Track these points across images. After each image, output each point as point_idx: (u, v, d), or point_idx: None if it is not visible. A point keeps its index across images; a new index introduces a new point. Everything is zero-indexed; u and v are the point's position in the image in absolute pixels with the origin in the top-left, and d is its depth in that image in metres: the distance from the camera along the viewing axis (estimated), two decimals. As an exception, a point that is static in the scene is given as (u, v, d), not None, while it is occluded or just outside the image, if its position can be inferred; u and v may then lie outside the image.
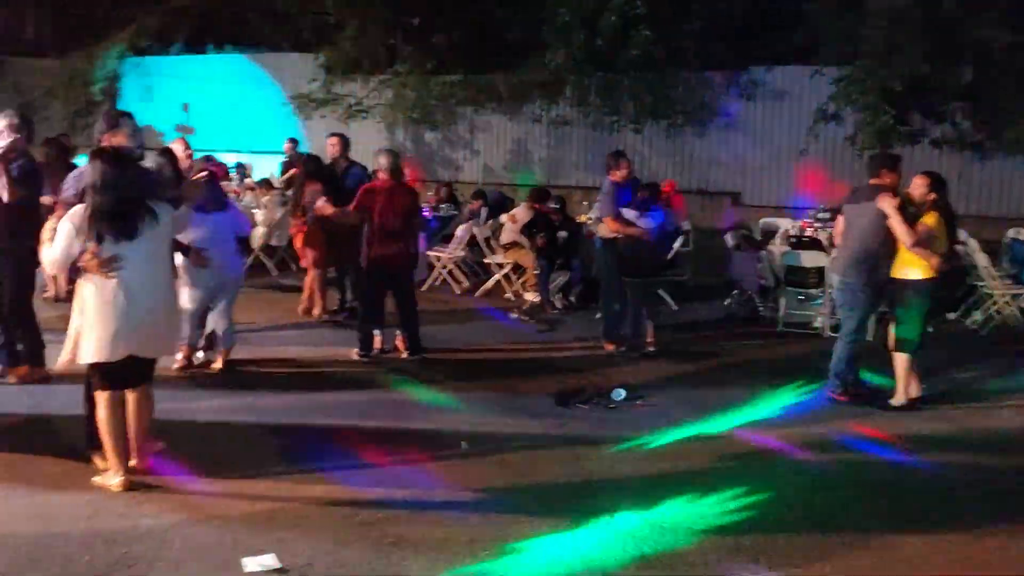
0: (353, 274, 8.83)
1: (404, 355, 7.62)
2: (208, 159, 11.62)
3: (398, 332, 7.74)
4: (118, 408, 4.56)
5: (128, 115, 5.24)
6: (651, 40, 13.94)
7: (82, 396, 4.78)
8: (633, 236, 7.74)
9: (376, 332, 7.69)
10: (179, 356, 6.89)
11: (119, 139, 4.97)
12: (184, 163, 7.23)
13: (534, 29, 15.13)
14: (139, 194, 4.55)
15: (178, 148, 8.06)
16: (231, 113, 18.92)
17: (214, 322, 7.01)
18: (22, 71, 20.25)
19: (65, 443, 5.12)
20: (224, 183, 11.04)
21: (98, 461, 4.72)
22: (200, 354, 7.03)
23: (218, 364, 6.96)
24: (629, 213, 7.80)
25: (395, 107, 16.66)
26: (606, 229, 8.03)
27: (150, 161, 6.28)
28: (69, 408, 5.21)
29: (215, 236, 6.71)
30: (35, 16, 22.68)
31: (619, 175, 7.89)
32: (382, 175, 7.61)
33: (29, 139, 5.89)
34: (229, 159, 15.43)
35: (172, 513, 4.33)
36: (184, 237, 6.67)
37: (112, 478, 4.57)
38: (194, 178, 6.53)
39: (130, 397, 4.61)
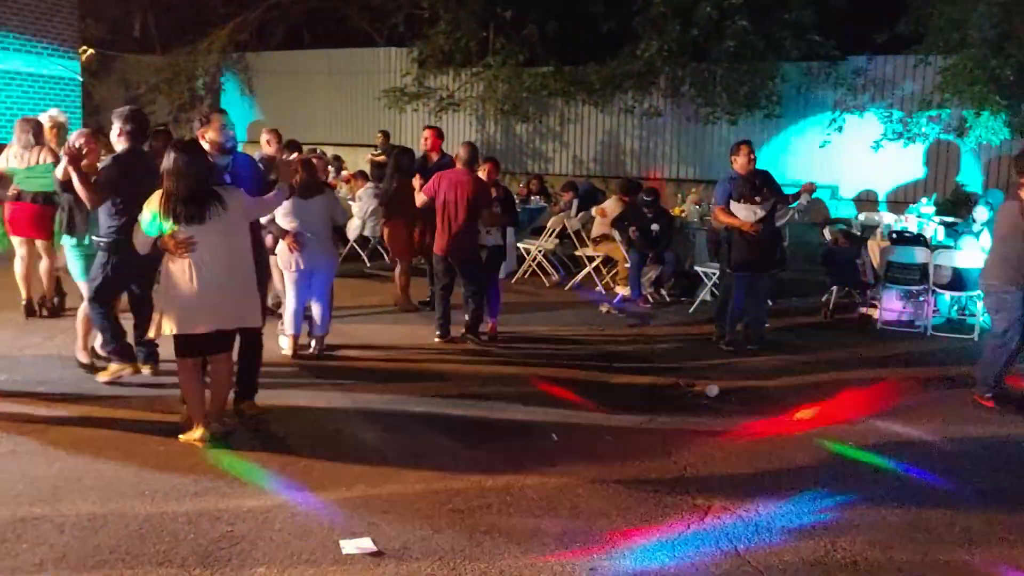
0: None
1: (483, 338, 7.88)
2: (313, 151, 11.92)
3: (487, 318, 7.85)
4: (196, 373, 5.13)
5: (221, 112, 5.70)
6: (748, 30, 13.65)
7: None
8: (739, 229, 7.61)
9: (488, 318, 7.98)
10: (285, 346, 7.10)
11: (211, 134, 5.42)
12: (275, 153, 7.57)
13: (627, 20, 14.99)
14: (206, 182, 5.01)
15: (270, 139, 8.30)
16: (327, 107, 19.31)
17: (310, 308, 7.20)
18: (129, 67, 21.06)
19: (173, 424, 5.32)
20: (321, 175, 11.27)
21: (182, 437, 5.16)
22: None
23: (313, 349, 7.15)
24: (739, 206, 7.63)
25: (486, 99, 16.75)
26: (716, 220, 8.01)
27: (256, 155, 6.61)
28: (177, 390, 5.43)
29: (311, 222, 6.91)
30: (142, 15, 23.61)
31: (737, 165, 7.75)
32: (457, 164, 7.84)
33: (139, 136, 6.08)
34: (327, 151, 15.74)
35: (273, 494, 4.46)
36: (282, 221, 6.88)
37: (195, 433, 5.07)
38: (286, 158, 6.79)
39: (211, 365, 5.19)
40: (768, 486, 4.81)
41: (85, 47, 17.46)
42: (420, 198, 7.86)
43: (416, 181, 7.97)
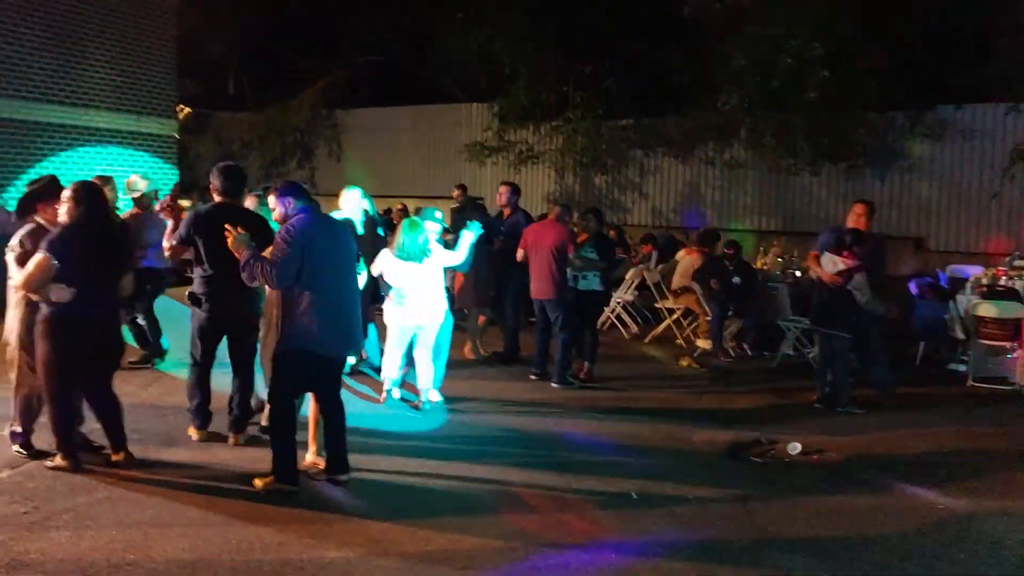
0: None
1: (574, 383, 8.26)
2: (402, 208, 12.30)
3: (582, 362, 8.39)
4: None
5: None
6: (829, 80, 13.54)
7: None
8: (823, 280, 7.53)
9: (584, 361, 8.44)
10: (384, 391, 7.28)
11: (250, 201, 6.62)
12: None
13: (706, 72, 15.04)
14: None
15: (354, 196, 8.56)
16: (411, 161, 19.77)
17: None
18: (223, 125, 22.01)
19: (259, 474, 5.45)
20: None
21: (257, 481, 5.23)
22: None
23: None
24: (827, 258, 7.54)
25: (565, 152, 16.94)
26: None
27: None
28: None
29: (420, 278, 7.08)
30: (236, 74, 24.74)
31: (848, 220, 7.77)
32: (550, 217, 8.73)
33: (228, 191, 6.31)
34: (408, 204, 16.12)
35: (356, 546, 4.52)
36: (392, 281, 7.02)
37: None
38: None
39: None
40: (851, 550, 4.67)
41: (182, 106, 18.30)
42: (519, 253, 8.41)
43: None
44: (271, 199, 5.34)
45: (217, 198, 6.27)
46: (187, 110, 19.01)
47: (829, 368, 7.67)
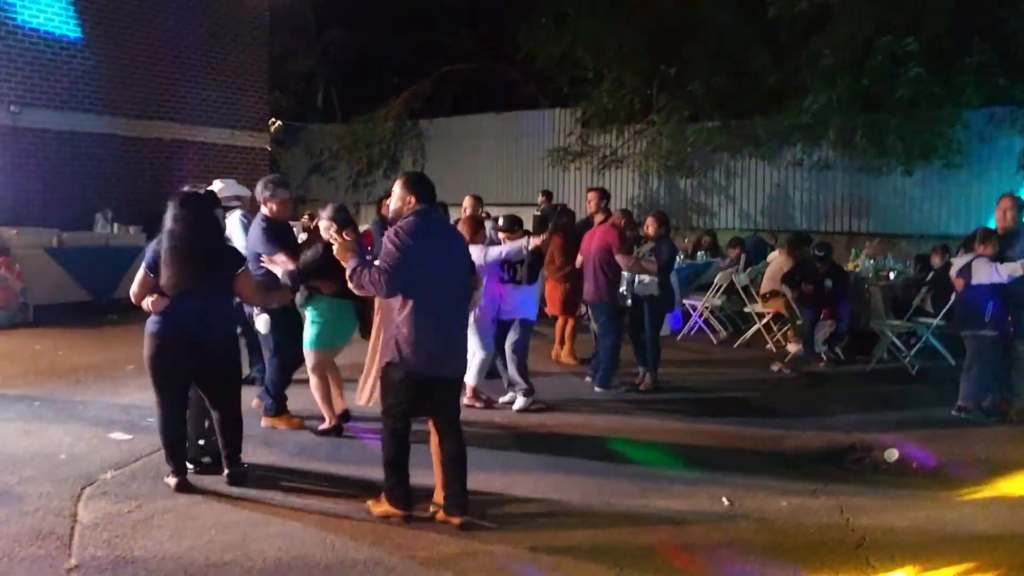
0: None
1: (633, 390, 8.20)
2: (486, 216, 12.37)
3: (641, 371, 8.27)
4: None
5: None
6: (923, 77, 13.09)
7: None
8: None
9: (640, 368, 8.30)
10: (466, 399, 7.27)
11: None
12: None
13: (794, 72, 14.72)
14: None
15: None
16: (494, 168, 19.88)
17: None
18: (313, 136, 22.57)
19: (353, 478, 5.54)
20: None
21: (372, 506, 4.97)
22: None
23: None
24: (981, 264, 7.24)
25: (650, 156, 16.80)
26: None
27: None
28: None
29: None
30: (324, 87, 25.38)
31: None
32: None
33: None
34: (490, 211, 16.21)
35: (449, 545, 4.54)
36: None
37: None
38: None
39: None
40: (951, 560, 4.49)
41: (274, 119, 18.83)
42: (578, 260, 8.41)
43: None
44: (395, 187, 4.90)
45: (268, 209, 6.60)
46: (278, 123, 19.53)
47: (978, 374, 7.35)
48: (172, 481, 5.29)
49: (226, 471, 5.40)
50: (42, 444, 6.11)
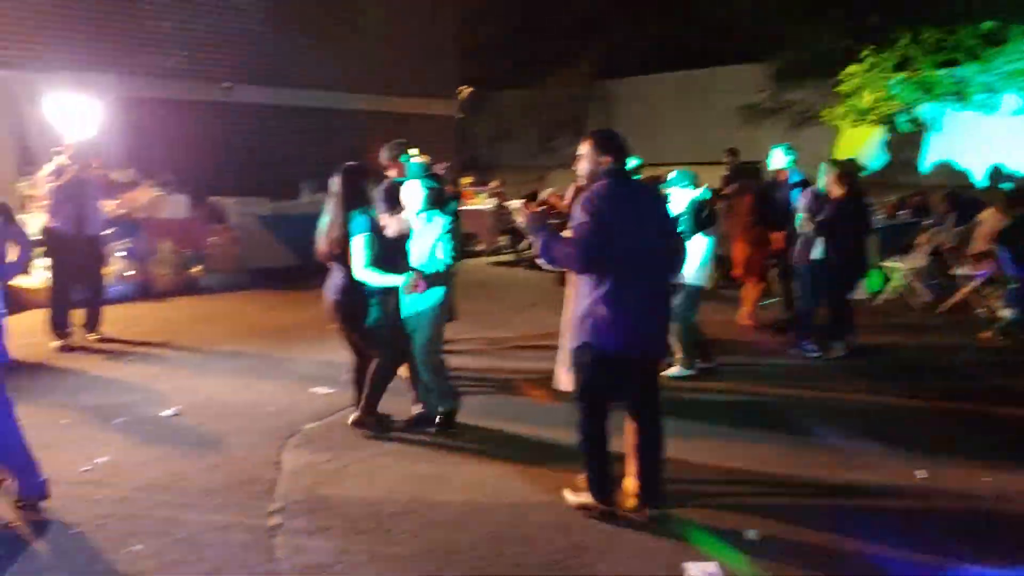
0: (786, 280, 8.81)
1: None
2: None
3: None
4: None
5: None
6: None
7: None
8: None
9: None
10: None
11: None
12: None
13: (1015, 13, 13.41)
14: None
15: None
16: (680, 127, 19.48)
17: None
18: (499, 102, 22.92)
19: (526, 437, 5.66)
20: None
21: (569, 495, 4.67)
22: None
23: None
24: None
25: (850, 111, 15.86)
26: None
27: None
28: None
29: None
30: (511, 52, 25.65)
31: None
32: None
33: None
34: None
35: (623, 516, 4.57)
36: None
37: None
38: None
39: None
40: None
41: (462, 87, 19.27)
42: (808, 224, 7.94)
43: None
44: (583, 147, 4.39)
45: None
46: (467, 90, 19.96)
47: None
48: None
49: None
50: (252, 397, 6.64)
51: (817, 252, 7.72)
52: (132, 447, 5.53)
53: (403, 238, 5.74)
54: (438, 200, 5.82)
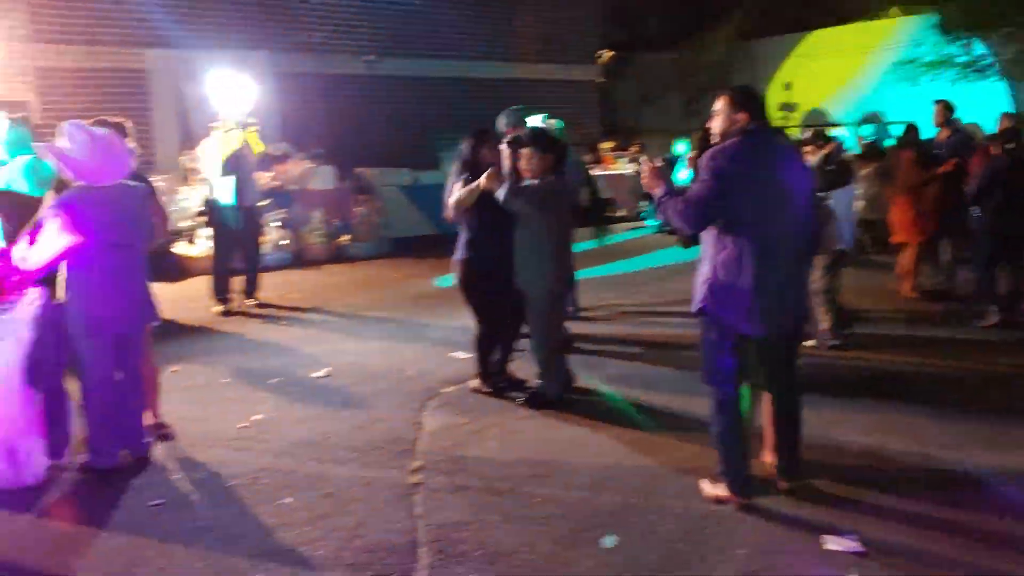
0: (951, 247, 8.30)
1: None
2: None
3: None
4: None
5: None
6: None
7: None
8: None
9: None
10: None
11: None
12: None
13: None
14: None
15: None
16: (834, 86, 18.60)
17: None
18: (642, 65, 22.50)
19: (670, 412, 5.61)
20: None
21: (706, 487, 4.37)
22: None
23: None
24: None
25: (1021, 63, 14.72)
26: None
27: None
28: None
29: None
30: (655, 14, 25.12)
31: None
32: None
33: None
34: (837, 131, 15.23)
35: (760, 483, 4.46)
36: None
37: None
38: None
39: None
40: None
41: (603, 51, 19.03)
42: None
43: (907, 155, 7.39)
44: (718, 104, 4.15)
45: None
46: (608, 54, 19.69)
47: None
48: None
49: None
50: (395, 360, 6.86)
51: (977, 214, 7.25)
52: (285, 406, 5.83)
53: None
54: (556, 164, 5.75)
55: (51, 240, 4.57)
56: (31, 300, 4.69)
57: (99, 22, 12.26)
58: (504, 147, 5.69)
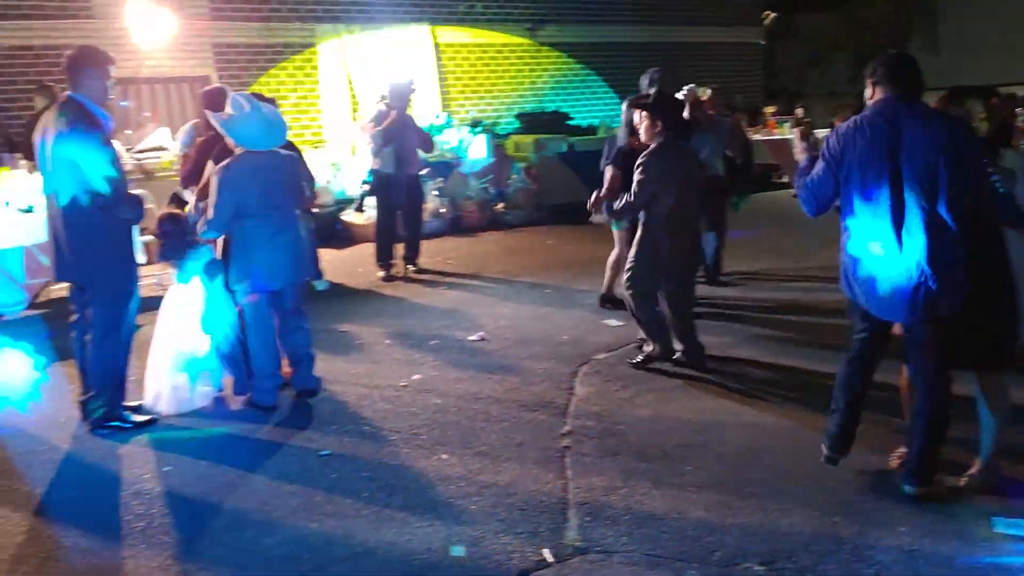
0: None
1: None
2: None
3: None
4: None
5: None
6: None
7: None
8: None
9: None
10: None
11: None
12: None
13: None
14: None
15: None
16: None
17: None
18: (809, 27, 21.54)
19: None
20: None
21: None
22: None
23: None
24: None
25: None
26: None
27: None
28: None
29: None
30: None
31: None
32: None
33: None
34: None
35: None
36: None
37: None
38: None
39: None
40: None
41: (768, 11, 18.36)
42: None
43: None
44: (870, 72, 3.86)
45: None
46: (772, 15, 18.99)
47: None
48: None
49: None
50: (549, 326, 6.96)
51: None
52: (442, 367, 6.05)
53: None
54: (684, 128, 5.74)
55: (216, 201, 4.99)
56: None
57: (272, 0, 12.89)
58: (624, 106, 5.68)
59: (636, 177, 5.50)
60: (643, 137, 5.61)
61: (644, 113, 5.57)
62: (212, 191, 5.03)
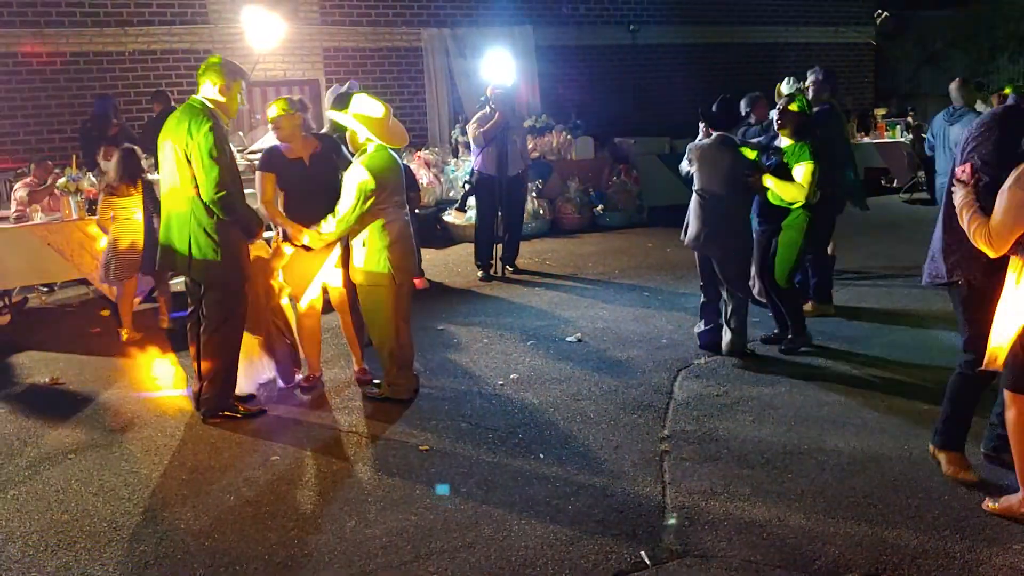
0: None
1: None
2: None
3: None
4: None
5: None
6: None
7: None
8: None
9: None
10: None
11: None
12: None
13: None
14: None
15: None
16: None
17: None
18: (924, 24, 20.73)
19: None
20: None
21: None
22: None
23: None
24: None
25: None
26: None
27: None
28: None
29: None
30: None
31: None
32: None
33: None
34: None
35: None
36: None
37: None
38: None
39: None
40: None
41: (880, 11, 17.76)
42: None
43: None
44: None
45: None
46: (884, 14, 18.35)
47: None
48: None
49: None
50: (648, 328, 6.91)
51: None
52: (540, 367, 6.07)
53: None
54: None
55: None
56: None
57: (379, 4, 13.17)
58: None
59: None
60: None
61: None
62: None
